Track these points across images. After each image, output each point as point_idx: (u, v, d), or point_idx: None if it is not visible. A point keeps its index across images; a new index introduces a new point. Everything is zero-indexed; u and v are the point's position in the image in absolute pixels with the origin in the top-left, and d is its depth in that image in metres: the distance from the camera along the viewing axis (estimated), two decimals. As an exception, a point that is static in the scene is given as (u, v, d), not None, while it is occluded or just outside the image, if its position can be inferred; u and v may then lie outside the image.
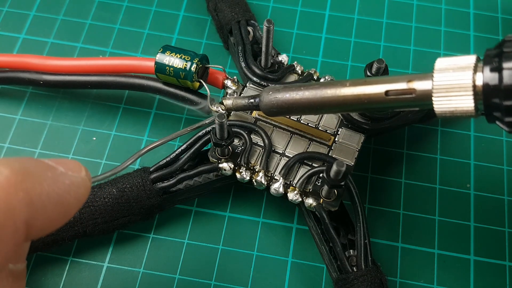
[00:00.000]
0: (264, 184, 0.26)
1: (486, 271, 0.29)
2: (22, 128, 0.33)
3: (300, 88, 0.24)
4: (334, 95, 0.23)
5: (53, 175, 0.16)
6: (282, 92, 0.25)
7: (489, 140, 0.33)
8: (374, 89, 0.22)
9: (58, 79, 0.30)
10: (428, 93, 0.20)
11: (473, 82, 0.19)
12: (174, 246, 0.29)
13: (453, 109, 0.20)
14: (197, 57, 0.28)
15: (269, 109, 0.26)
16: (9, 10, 0.37)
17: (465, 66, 0.19)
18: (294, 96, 0.24)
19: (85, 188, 0.17)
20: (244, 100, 0.27)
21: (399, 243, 0.30)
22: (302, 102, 0.24)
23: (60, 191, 0.16)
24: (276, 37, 0.36)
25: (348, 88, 0.23)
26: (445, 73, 0.20)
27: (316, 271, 0.29)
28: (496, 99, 0.19)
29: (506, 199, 0.31)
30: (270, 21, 0.27)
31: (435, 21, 0.38)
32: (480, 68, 0.19)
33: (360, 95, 0.22)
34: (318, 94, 0.24)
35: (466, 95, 0.19)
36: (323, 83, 0.24)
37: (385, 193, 0.31)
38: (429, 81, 0.20)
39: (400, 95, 0.21)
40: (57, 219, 0.17)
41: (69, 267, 0.28)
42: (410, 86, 0.21)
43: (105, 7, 0.37)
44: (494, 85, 0.19)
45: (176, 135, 0.27)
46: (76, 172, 0.17)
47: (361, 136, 0.28)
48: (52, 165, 0.17)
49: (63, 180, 0.17)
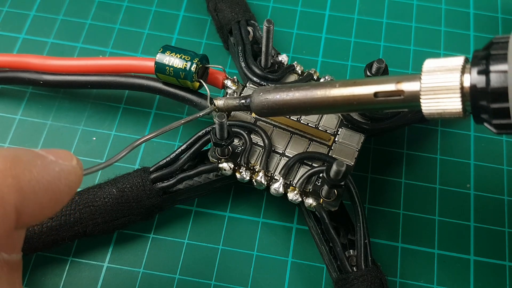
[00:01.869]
0: (264, 184, 0.26)
1: (486, 271, 0.29)
2: (22, 128, 0.33)
3: (290, 89, 0.24)
4: (324, 96, 0.23)
5: (43, 163, 0.17)
6: (272, 93, 0.25)
7: (489, 140, 0.33)
8: (363, 90, 0.22)
9: (58, 79, 0.30)
10: (416, 95, 0.20)
11: (460, 84, 0.19)
12: (174, 246, 0.29)
13: (441, 110, 0.20)
14: (197, 57, 0.28)
15: (260, 110, 0.26)
16: (9, 10, 0.37)
17: (453, 68, 0.19)
18: (284, 97, 0.24)
19: (76, 175, 0.17)
20: (236, 101, 0.27)
21: (399, 243, 0.30)
22: (292, 103, 0.24)
23: (50, 178, 0.16)
24: (276, 37, 0.36)
25: (338, 89, 0.23)
26: (433, 74, 0.20)
27: (316, 271, 0.29)
28: (483, 102, 0.19)
29: (506, 199, 0.31)
30: (270, 21, 0.27)
31: (435, 21, 0.38)
32: (468, 69, 0.19)
33: (350, 97, 0.22)
34: (308, 95, 0.24)
35: (453, 97, 0.19)
36: (314, 84, 0.24)
37: (385, 193, 0.31)
38: (417, 83, 0.20)
39: (389, 96, 0.21)
40: (48, 206, 0.17)
41: (69, 267, 0.28)
42: (398, 87, 0.21)
43: (105, 7, 0.37)
44: (481, 87, 0.19)
45: (170, 127, 0.26)
46: (67, 160, 0.17)
47: (361, 136, 0.28)
48: (42, 153, 0.17)
49: (53, 167, 0.17)
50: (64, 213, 0.26)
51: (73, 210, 0.26)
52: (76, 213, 0.26)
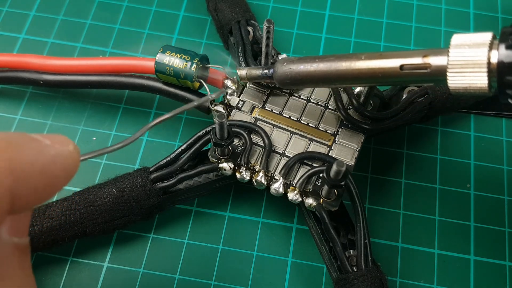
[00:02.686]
0: (264, 184, 0.26)
1: (486, 271, 0.29)
2: (22, 128, 0.32)
3: (315, 60, 0.24)
4: (349, 68, 0.23)
5: (38, 146, 0.16)
6: (296, 63, 0.25)
7: (489, 140, 0.33)
8: (389, 63, 0.22)
9: (58, 79, 0.30)
10: (443, 69, 0.20)
11: (488, 59, 0.19)
12: (174, 246, 0.29)
13: (467, 85, 0.20)
14: (197, 57, 0.28)
15: (283, 80, 0.26)
16: (9, 10, 0.37)
17: (481, 43, 0.19)
18: (308, 68, 0.24)
19: (72, 160, 0.17)
20: (259, 71, 0.27)
21: (399, 243, 0.30)
22: (316, 74, 0.24)
23: (45, 161, 0.16)
24: (276, 37, 0.36)
25: (363, 62, 0.23)
26: (461, 49, 0.20)
27: (316, 271, 0.29)
28: (509, 77, 0.19)
29: (506, 199, 0.31)
30: (270, 21, 0.27)
31: (435, 21, 0.38)
32: (495, 45, 0.19)
33: (375, 69, 0.22)
34: (333, 67, 0.24)
35: (480, 72, 0.19)
36: (339, 55, 0.24)
37: (385, 193, 0.31)
38: (444, 57, 0.20)
39: (415, 69, 0.21)
40: (43, 190, 0.16)
41: (69, 267, 0.28)
42: (425, 60, 0.21)
43: (105, 7, 0.37)
44: (509, 62, 0.19)
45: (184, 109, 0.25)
46: (64, 145, 0.17)
47: (361, 136, 0.28)
48: (36, 137, 0.17)
49: (48, 151, 0.17)
50: (64, 213, 0.26)
51: (73, 210, 0.26)
52: (76, 213, 0.26)
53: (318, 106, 0.29)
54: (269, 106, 0.29)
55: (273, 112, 0.29)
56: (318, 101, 0.29)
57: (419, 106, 0.29)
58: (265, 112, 0.29)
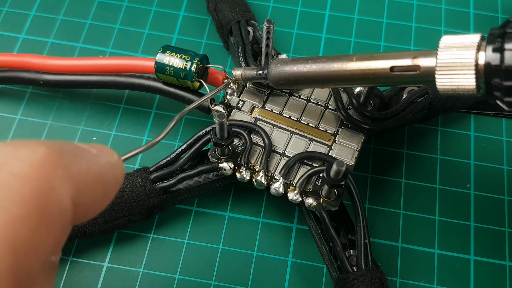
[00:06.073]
0: (264, 184, 0.26)
1: (486, 271, 0.29)
2: (22, 128, 0.32)
3: (307, 61, 0.25)
4: (341, 69, 0.24)
5: (89, 155, 0.16)
6: (290, 64, 0.25)
7: (489, 140, 0.33)
8: (380, 64, 0.22)
9: (58, 79, 0.30)
10: (432, 70, 0.21)
11: (475, 61, 0.19)
12: (174, 246, 0.29)
13: (455, 87, 0.20)
14: (197, 57, 0.28)
15: (277, 81, 0.26)
16: (9, 10, 0.37)
17: (469, 45, 0.20)
18: (301, 69, 0.25)
19: (120, 168, 0.17)
20: (253, 71, 0.27)
21: (399, 243, 0.30)
22: (309, 75, 0.25)
23: (99, 169, 0.16)
24: (276, 37, 0.36)
25: (355, 63, 0.23)
26: (449, 50, 0.20)
27: (316, 271, 0.29)
28: (496, 79, 0.19)
29: (506, 199, 0.31)
30: (270, 21, 0.27)
31: (435, 21, 0.38)
32: (483, 47, 0.19)
33: (366, 70, 0.23)
34: (325, 68, 0.24)
35: (468, 74, 0.20)
36: (331, 57, 0.24)
37: (385, 193, 0.31)
38: (433, 58, 0.21)
39: (405, 71, 0.22)
40: (100, 200, 0.16)
41: (69, 267, 0.28)
42: (415, 62, 0.21)
43: (105, 7, 0.37)
44: (495, 65, 0.19)
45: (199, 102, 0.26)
46: (109, 154, 0.16)
47: (361, 136, 0.28)
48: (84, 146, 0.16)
49: (98, 160, 0.16)
50: (64, 213, 0.26)
51: (73, 210, 0.26)
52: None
53: (318, 106, 0.29)
54: (269, 106, 0.29)
55: (273, 112, 0.29)
56: (318, 101, 0.29)
57: (419, 106, 0.29)
58: (265, 112, 0.29)
